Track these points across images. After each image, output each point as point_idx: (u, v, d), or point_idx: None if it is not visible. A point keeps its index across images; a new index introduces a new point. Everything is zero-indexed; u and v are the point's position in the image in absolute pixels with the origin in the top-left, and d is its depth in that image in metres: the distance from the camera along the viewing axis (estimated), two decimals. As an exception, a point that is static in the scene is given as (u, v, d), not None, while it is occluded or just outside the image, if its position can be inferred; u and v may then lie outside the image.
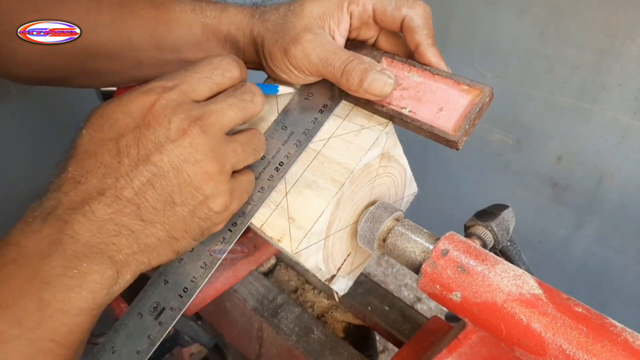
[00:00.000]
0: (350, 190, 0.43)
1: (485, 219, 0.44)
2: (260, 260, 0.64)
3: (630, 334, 0.31)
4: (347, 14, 0.42)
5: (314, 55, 0.41)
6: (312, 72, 0.42)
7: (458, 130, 0.39)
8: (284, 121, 0.45)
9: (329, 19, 0.42)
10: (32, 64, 0.48)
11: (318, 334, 0.61)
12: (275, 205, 0.42)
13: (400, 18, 0.41)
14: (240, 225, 0.41)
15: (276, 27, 0.42)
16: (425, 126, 0.40)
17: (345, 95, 0.44)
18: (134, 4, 0.46)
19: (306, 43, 0.41)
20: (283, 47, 0.42)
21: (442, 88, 0.42)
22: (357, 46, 0.46)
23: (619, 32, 0.89)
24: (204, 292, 0.59)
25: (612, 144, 0.99)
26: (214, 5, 0.46)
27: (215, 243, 0.41)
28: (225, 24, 0.45)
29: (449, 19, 1.13)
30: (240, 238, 0.57)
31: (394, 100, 0.42)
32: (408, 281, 1.58)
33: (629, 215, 1.03)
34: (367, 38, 0.46)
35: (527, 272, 0.36)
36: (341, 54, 0.41)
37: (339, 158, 0.43)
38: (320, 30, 0.42)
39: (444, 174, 1.35)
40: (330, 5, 0.42)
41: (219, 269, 0.57)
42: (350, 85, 0.40)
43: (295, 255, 0.41)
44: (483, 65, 1.11)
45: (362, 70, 0.40)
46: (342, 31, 0.43)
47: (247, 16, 0.44)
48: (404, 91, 0.42)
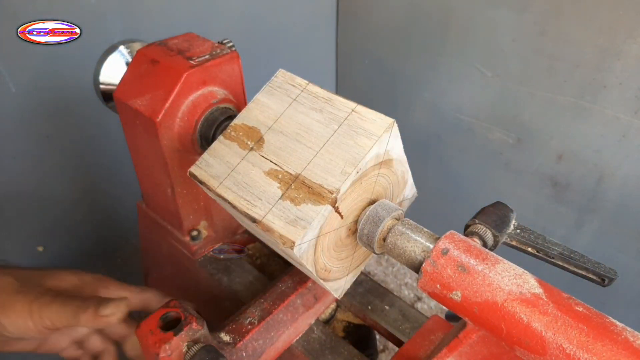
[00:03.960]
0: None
1: (485, 218, 0.44)
2: (320, 312, 0.62)
3: (630, 333, 0.31)
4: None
5: (56, 302, 0.49)
6: (53, 319, 0.48)
7: None
8: None
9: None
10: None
11: (318, 333, 0.61)
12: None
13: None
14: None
15: (13, 281, 0.50)
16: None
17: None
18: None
19: (49, 295, 0.50)
20: (27, 298, 0.48)
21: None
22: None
23: (620, 30, 0.89)
24: (267, 352, 0.55)
25: (613, 143, 0.99)
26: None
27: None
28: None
29: (448, 18, 1.13)
30: (299, 288, 0.58)
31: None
32: (408, 280, 1.58)
33: (629, 214, 1.03)
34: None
35: (562, 253, 0.36)
36: (76, 298, 0.51)
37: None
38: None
39: (443, 173, 1.35)
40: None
41: (280, 327, 0.56)
42: (88, 316, 0.49)
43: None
44: (483, 64, 1.11)
45: (95, 302, 0.50)
46: None
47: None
48: None
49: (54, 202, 0.91)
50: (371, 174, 0.45)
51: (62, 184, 0.91)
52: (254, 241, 0.73)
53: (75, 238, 0.97)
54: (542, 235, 0.46)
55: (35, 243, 0.92)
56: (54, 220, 0.92)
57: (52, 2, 0.76)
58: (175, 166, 0.59)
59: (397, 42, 1.26)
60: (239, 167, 0.46)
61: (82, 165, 0.93)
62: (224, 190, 0.45)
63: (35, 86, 0.80)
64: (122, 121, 0.61)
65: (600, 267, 0.43)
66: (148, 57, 0.57)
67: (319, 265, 0.45)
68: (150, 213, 0.72)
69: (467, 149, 1.25)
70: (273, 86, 0.50)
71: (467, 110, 1.19)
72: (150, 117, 0.54)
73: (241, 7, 1.07)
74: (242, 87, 0.62)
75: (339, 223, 0.44)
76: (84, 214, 0.96)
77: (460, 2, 1.09)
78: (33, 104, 0.81)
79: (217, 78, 0.58)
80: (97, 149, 0.93)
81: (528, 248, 0.45)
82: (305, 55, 1.34)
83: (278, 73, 0.51)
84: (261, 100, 0.49)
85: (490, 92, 1.12)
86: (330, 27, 1.38)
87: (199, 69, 0.55)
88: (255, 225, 0.43)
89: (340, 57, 1.44)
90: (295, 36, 1.26)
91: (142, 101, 0.56)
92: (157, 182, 0.63)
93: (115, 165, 0.96)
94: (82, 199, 0.95)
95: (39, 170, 0.86)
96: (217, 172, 0.47)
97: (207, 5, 0.99)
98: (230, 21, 1.07)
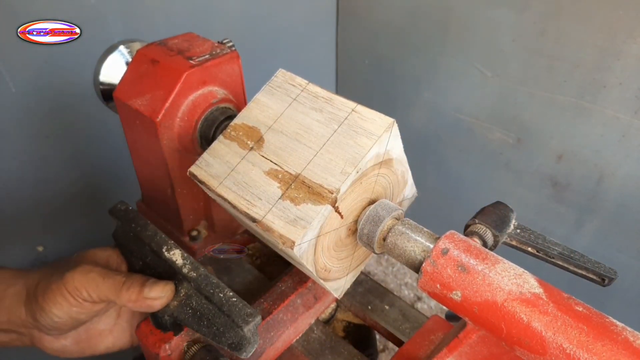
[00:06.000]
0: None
1: (485, 218, 0.44)
2: (319, 312, 0.61)
3: (630, 333, 0.31)
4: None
5: (94, 271, 0.47)
6: (90, 290, 0.46)
7: None
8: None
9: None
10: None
11: (318, 333, 0.61)
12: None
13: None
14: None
15: (50, 269, 0.49)
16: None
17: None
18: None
19: (85, 264, 0.48)
20: (61, 275, 0.46)
21: None
22: None
23: (620, 30, 0.89)
24: (267, 352, 0.55)
25: (613, 143, 0.99)
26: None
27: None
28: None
29: (448, 18, 1.13)
30: (299, 288, 0.58)
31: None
32: (408, 280, 1.58)
33: (629, 214, 1.03)
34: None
35: (562, 252, 0.36)
36: (119, 272, 0.48)
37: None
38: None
39: (443, 173, 1.35)
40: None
41: (280, 327, 0.56)
42: (131, 295, 0.46)
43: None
44: (483, 64, 1.11)
45: (141, 281, 0.46)
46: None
47: (13, 271, 0.50)
48: None
49: (54, 202, 0.91)
50: (371, 173, 0.45)
51: (62, 184, 0.91)
52: (254, 241, 0.73)
53: (75, 238, 0.97)
54: (542, 235, 0.46)
55: (35, 243, 0.92)
56: (54, 220, 0.92)
57: (52, 2, 0.76)
58: (175, 166, 0.59)
59: (397, 42, 1.26)
60: (239, 166, 0.46)
61: (82, 165, 0.93)
62: (224, 190, 0.45)
63: (35, 86, 0.80)
64: (122, 121, 0.61)
65: (600, 267, 0.43)
66: (148, 57, 0.57)
67: (319, 265, 0.45)
68: (150, 213, 0.72)
69: (467, 149, 1.25)
70: (273, 86, 0.50)
71: (467, 110, 1.19)
72: (150, 117, 0.54)
73: (241, 7, 1.07)
74: (242, 87, 0.62)
75: (339, 223, 0.44)
76: (84, 213, 0.96)
77: (460, 2, 1.09)
78: (33, 104, 0.81)
79: (217, 78, 0.58)
80: (97, 149, 0.93)
81: (528, 248, 0.45)
82: (305, 55, 1.34)
83: (278, 73, 0.51)
84: (261, 100, 0.49)
85: (490, 92, 1.12)
86: (330, 27, 1.38)
87: (199, 69, 0.55)
88: (255, 225, 0.43)
89: (340, 57, 1.44)
90: (295, 36, 1.26)
91: (142, 101, 0.56)
92: (157, 182, 0.63)
93: (115, 165, 0.96)
94: (82, 198, 0.95)
95: (39, 170, 0.86)
96: (217, 172, 0.47)
97: (207, 5, 0.99)
98: (230, 21, 1.07)
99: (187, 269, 0.46)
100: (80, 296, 0.46)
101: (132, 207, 0.53)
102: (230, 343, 0.42)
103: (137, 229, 0.50)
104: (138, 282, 0.46)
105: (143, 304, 0.45)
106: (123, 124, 0.61)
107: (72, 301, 0.46)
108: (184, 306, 0.46)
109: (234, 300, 0.43)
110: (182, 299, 0.46)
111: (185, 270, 0.46)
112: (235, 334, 0.42)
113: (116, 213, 0.53)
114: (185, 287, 0.46)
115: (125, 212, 0.52)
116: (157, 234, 0.50)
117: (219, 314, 0.43)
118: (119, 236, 0.52)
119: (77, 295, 0.46)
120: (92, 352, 0.53)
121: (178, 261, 0.47)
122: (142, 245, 0.50)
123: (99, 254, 0.52)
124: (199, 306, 0.45)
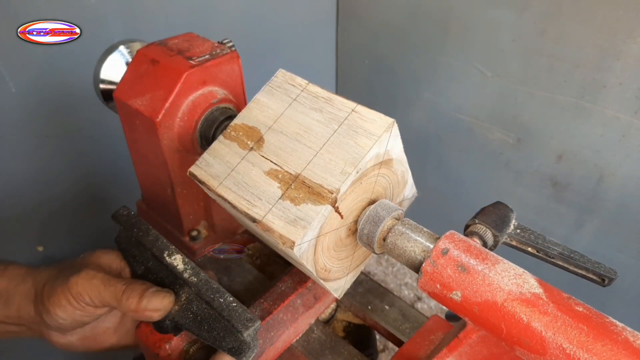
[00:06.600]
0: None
1: (485, 218, 0.44)
2: (319, 312, 0.61)
3: (630, 333, 0.31)
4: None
5: (97, 277, 0.47)
6: (92, 295, 0.47)
7: None
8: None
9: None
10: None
11: (318, 333, 0.61)
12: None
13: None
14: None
15: (57, 270, 0.50)
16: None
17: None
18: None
19: (90, 269, 0.48)
20: (66, 278, 0.47)
21: None
22: None
23: (620, 30, 0.89)
24: (267, 352, 0.55)
25: (613, 143, 0.99)
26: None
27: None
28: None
29: (448, 18, 1.13)
30: (299, 288, 0.57)
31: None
32: (408, 280, 1.58)
33: (629, 214, 1.03)
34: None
35: (562, 253, 0.36)
36: (121, 279, 0.48)
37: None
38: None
39: (443, 173, 1.35)
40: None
41: (280, 327, 0.56)
42: (130, 304, 0.46)
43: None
44: (483, 64, 1.11)
45: (140, 290, 0.46)
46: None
47: (24, 269, 0.51)
48: None
49: (54, 202, 0.91)
50: (371, 173, 0.45)
51: (62, 184, 0.91)
52: (254, 241, 0.73)
53: (75, 238, 0.97)
54: (542, 235, 0.46)
55: (35, 243, 0.92)
56: (54, 220, 0.92)
57: (52, 2, 0.76)
58: (175, 166, 0.59)
59: (397, 42, 1.26)
60: (239, 167, 0.46)
61: (82, 165, 0.93)
62: (224, 190, 0.45)
63: (36, 86, 0.80)
64: (122, 121, 0.61)
65: (600, 267, 0.43)
66: (148, 57, 0.57)
67: (319, 265, 0.45)
68: (150, 213, 0.72)
69: (467, 149, 1.25)
70: (273, 86, 0.50)
71: (467, 110, 1.19)
72: (150, 117, 0.54)
73: (241, 7, 1.07)
74: (242, 87, 0.62)
75: (339, 223, 0.44)
76: (84, 213, 0.96)
77: (460, 2, 1.09)
78: (33, 104, 0.81)
79: (217, 78, 0.58)
80: (97, 149, 0.93)
81: (528, 248, 0.45)
82: (305, 55, 1.34)
83: (278, 73, 0.51)
84: (261, 100, 0.49)
85: (490, 92, 1.12)
86: (330, 27, 1.38)
87: (199, 69, 0.55)
88: (255, 225, 0.43)
89: (340, 57, 1.44)
90: (295, 36, 1.26)
91: (142, 101, 0.56)
92: (157, 182, 0.63)
93: (115, 165, 0.96)
94: (82, 198, 0.95)
95: (39, 170, 0.86)
96: (217, 172, 0.47)
97: (207, 5, 0.99)
98: (230, 21, 1.07)
99: (188, 274, 0.47)
100: (83, 301, 0.47)
101: (134, 212, 0.53)
102: (230, 348, 0.43)
103: (139, 234, 0.51)
104: (137, 292, 0.47)
105: (142, 315, 0.46)
106: (123, 124, 0.61)
107: (76, 305, 0.47)
108: (185, 311, 0.46)
109: (234, 305, 0.44)
110: (183, 304, 0.46)
111: (186, 275, 0.47)
112: (235, 338, 0.43)
113: (118, 218, 0.53)
114: (186, 292, 0.47)
115: (128, 217, 0.53)
116: (159, 239, 0.50)
117: (219, 318, 0.44)
118: (121, 241, 0.53)
119: (80, 300, 0.46)
120: (98, 349, 0.54)
121: (179, 266, 0.47)
122: (144, 251, 0.50)
123: (103, 258, 0.52)
124: (199, 311, 0.45)
